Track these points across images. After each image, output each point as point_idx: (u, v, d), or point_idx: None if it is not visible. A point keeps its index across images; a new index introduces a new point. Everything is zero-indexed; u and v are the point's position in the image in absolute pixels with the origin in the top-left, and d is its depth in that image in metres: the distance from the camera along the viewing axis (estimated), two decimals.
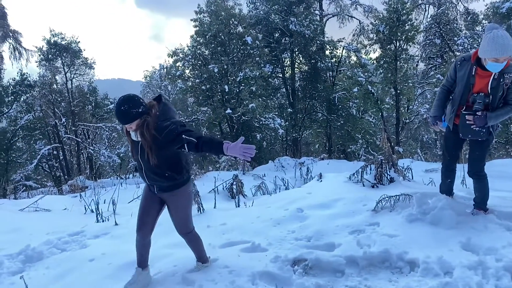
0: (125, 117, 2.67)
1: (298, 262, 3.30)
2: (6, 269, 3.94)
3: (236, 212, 5.02)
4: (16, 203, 6.88)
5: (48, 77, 21.78)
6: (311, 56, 20.70)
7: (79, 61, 22.37)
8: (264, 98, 18.89)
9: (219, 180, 7.34)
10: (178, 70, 19.20)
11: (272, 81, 21.18)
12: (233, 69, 17.80)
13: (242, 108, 16.96)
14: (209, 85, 17.98)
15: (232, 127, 18.98)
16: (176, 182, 2.95)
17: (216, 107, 17.79)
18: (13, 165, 20.02)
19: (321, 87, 20.89)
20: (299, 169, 10.40)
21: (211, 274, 3.15)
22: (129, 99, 2.68)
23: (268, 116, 18.03)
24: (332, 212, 4.20)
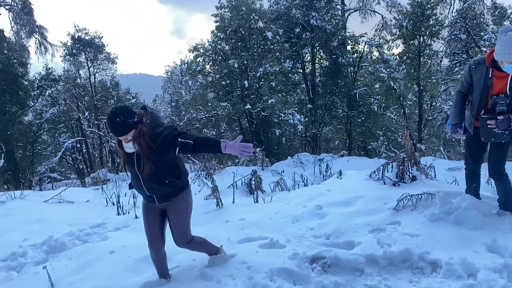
0: (121, 129, 2.61)
1: (316, 259, 3.27)
2: (30, 259, 4.06)
3: (254, 207, 5.02)
4: (41, 195, 7.06)
5: (72, 71, 22.26)
6: (332, 52, 20.48)
7: (102, 56, 22.76)
8: (284, 93, 18.79)
9: (237, 176, 7.34)
10: (198, 65, 19.29)
11: (292, 77, 21.05)
12: (253, 65, 17.77)
13: (261, 104, 16.92)
14: (229, 80, 18.00)
15: (251, 122, 18.99)
16: (176, 187, 2.90)
17: (236, 103, 17.81)
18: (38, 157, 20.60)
19: (342, 82, 20.65)
20: (318, 166, 10.30)
21: (229, 270, 3.15)
22: (123, 110, 2.63)
23: (288, 112, 17.93)
24: (352, 210, 4.15)
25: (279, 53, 18.52)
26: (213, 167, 11.10)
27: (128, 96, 24.40)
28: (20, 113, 19.51)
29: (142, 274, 3.32)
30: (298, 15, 19.81)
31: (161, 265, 3.13)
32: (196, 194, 6.39)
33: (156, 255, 3.08)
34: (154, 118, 2.79)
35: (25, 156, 20.11)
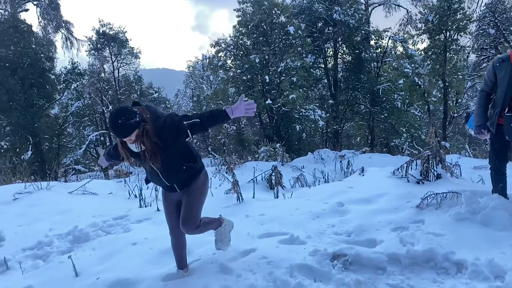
0: (124, 130, 2.55)
1: (337, 256, 3.24)
2: (56, 248, 4.17)
3: (274, 203, 5.01)
4: (66, 186, 7.24)
5: (97, 66, 22.70)
6: (355, 46, 20.19)
7: (126, 50, 23.11)
8: (305, 89, 18.67)
9: (257, 171, 7.35)
10: (220, 60, 19.35)
11: (313, 72, 20.87)
12: (274, 59, 17.70)
13: (282, 99, 16.87)
14: (250, 75, 18.00)
15: (271, 117, 18.95)
16: (194, 171, 2.90)
17: (257, 98, 17.78)
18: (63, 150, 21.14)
19: (365, 78, 20.35)
20: (339, 162, 10.20)
21: (250, 264, 3.15)
22: (124, 111, 2.55)
23: (309, 108, 17.82)
24: (374, 208, 4.08)
25: (301, 48, 18.39)
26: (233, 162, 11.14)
27: (150, 90, 24.72)
28: (47, 106, 20.04)
29: (163, 266, 3.36)
30: (320, 9, 19.60)
31: (180, 254, 3.17)
32: (217, 188, 6.44)
33: (176, 242, 3.12)
34: (152, 110, 2.73)
35: (51, 148, 20.67)
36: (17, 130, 18.83)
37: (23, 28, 19.32)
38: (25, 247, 4.21)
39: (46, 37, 22.36)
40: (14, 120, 18.26)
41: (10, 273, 3.78)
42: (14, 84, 17.82)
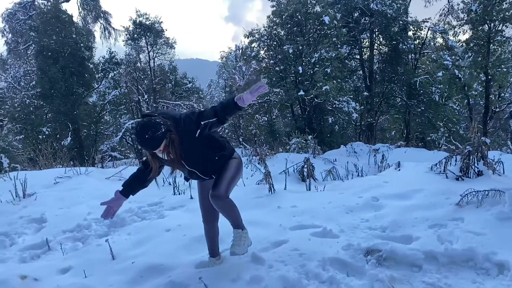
0: (153, 144, 2.55)
1: (371, 252, 3.18)
2: (93, 232, 4.33)
3: (307, 195, 4.97)
4: (103, 172, 7.48)
5: (133, 55, 23.18)
6: (392, 37, 19.58)
7: (161, 40, 23.45)
8: (339, 80, 18.33)
9: (289, 162, 7.31)
10: (253, 50, 19.30)
11: (348, 63, 20.46)
12: (308, 50, 17.46)
13: (315, 90, 16.64)
14: (283, 66, 17.85)
15: (304, 109, 18.77)
16: (226, 157, 2.90)
17: (289, 89, 17.65)
18: (101, 137, 21.85)
19: (402, 70, 19.74)
20: (373, 156, 10.00)
21: (281, 255, 3.15)
22: (149, 125, 2.53)
23: (342, 99, 17.50)
24: (411, 203, 3.97)
25: (336, 38, 18.03)
26: (264, 153, 11.14)
27: (184, 80, 25.02)
28: (85, 94, 20.72)
29: (196, 253, 3.42)
30: None
31: (213, 241, 3.19)
32: (248, 178, 6.45)
33: (209, 229, 3.15)
34: (170, 117, 2.68)
35: (89, 135, 21.41)
36: (58, 117, 19.61)
37: (65, 18, 19.99)
38: (65, 229, 4.40)
39: (85, 27, 23.01)
40: (55, 107, 19.01)
41: (52, 253, 3.96)
42: (56, 72, 18.52)
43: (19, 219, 4.78)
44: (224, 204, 2.82)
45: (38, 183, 6.10)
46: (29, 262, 3.82)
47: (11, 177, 6.33)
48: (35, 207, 5.11)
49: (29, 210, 5.03)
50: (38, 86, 19.70)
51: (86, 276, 3.24)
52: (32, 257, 3.93)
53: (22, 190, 5.62)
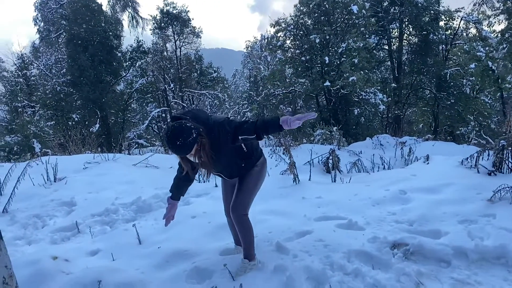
0: (184, 150, 2.51)
1: (398, 245, 3.12)
2: (121, 216, 4.43)
3: (332, 187, 4.92)
4: (130, 158, 7.63)
5: (160, 44, 23.40)
6: (423, 27, 19.02)
7: (188, 29, 23.59)
8: (367, 71, 17.99)
9: (313, 153, 7.26)
10: (279, 40, 19.13)
11: (376, 53, 20.06)
12: (335, 40, 17.18)
13: (341, 81, 16.40)
14: (309, 56, 17.64)
15: (329, 100, 18.55)
16: (253, 163, 2.89)
17: (315, 79, 17.46)
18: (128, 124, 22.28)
19: (432, 61, 19.19)
20: (400, 149, 9.80)
21: (306, 246, 3.14)
22: (180, 131, 2.45)
23: (369, 91, 17.19)
24: (440, 198, 3.87)
25: (364, 28, 17.65)
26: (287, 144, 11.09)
27: (210, 70, 25.13)
28: (113, 82, 21.13)
29: (220, 240, 3.44)
30: None
31: (236, 232, 3.21)
32: (272, 168, 6.44)
33: (230, 221, 3.16)
34: (203, 121, 2.61)
35: (116, 122, 21.87)
36: (86, 104, 20.10)
37: (94, 7, 20.35)
38: (94, 213, 4.52)
39: (114, 15, 23.35)
40: (84, 95, 19.48)
41: (81, 236, 4.08)
42: (85, 60, 18.94)
43: (51, 202, 4.95)
44: (242, 222, 2.85)
45: (68, 167, 6.29)
46: (59, 244, 3.96)
47: (43, 161, 6.54)
48: (66, 191, 5.27)
49: (60, 194, 5.19)
50: (68, 73, 20.20)
51: (114, 259, 3.33)
52: (63, 239, 4.06)
53: (53, 174, 5.81)
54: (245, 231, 2.88)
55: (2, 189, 5.17)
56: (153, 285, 2.84)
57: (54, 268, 3.02)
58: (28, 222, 4.44)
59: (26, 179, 5.35)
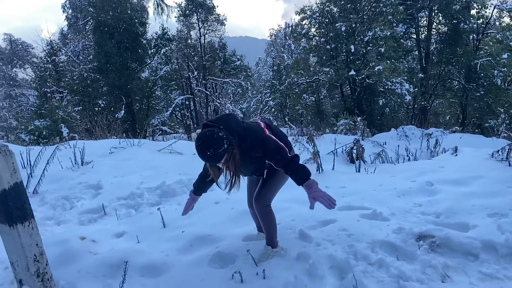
0: (213, 160, 2.48)
1: (424, 237, 3.06)
2: (146, 200, 4.51)
3: (356, 176, 4.86)
4: (155, 144, 7.74)
5: (184, 32, 23.49)
6: (453, 16, 18.39)
7: (212, 17, 23.56)
8: (393, 60, 17.60)
9: (337, 143, 7.18)
10: (303, 28, 18.90)
11: (404, 42, 19.54)
12: (362, 28, 16.84)
13: (367, 70, 16.10)
14: (334, 44, 17.38)
15: (354, 89, 18.27)
16: None
17: (339, 68, 17.21)
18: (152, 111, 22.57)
19: (461, 51, 18.58)
20: (426, 141, 9.57)
21: (329, 234, 3.12)
22: (212, 141, 2.41)
23: (395, 81, 16.81)
24: (468, 190, 3.76)
25: (392, 16, 17.21)
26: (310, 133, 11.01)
27: (233, 58, 25.10)
28: (138, 69, 21.37)
29: (243, 226, 3.46)
30: None
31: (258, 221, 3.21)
32: None
33: (253, 212, 3.17)
34: (233, 132, 2.55)
35: (141, 109, 22.19)
36: (112, 91, 20.45)
37: None
38: (119, 196, 4.62)
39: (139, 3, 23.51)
40: (110, 81, 19.81)
41: (107, 218, 4.19)
42: (111, 47, 19.20)
43: (78, 185, 5.08)
44: (265, 212, 2.85)
45: (95, 152, 6.44)
46: (87, 225, 4.07)
47: (71, 145, 6.71)
48: (92, 174, 5.40)
49: (87, 177, 5.33)
50: (95, 60, 20.56)
51: (139, 242, 3.40)
52: (90, 221, 4.17)
53: (80, 158, 5.96)
54: (268, 221, 2.89)
55: (33, 171, 5.33)
56: (177, 267, 2.89)
57: (82, 248, 3.11)
58: (57, 203, 4.58)
59: (55, 162, 5.52)
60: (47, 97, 20.19)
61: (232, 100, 25.48)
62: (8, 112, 27.76)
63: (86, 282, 2.71)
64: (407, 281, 2.54)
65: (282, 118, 26.54)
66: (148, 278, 2.76)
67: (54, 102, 16.87)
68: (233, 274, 2.63)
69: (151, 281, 2.72)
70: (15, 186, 2.28)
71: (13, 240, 2.31)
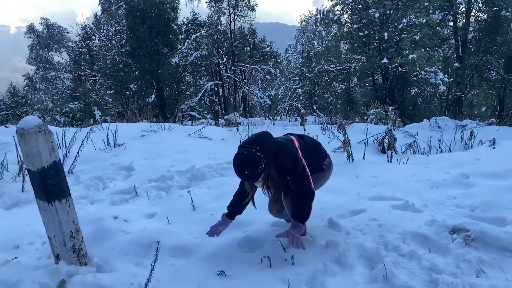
0: (251, 178, 2.55)
1: (458, 230, 2.97)
2: (176, 183, 4.59)
3: (387, 167, 4.76)
4: (184, 129, 7.84)
5: (215, 17, 23.47)
6: (494, 3, 17.55)
7: (243, 2, 23.40)
8: (428, 49, 17.00)
9: (367, 133, 7.04)
10: (335, 14, 18.51)
11: (440, 30, 18.84)
12: (396, 15, 16.32)
13: (400, 59, 15.65)
14: (367, 31, 16.96)
15: (386, 78, 17.84)
16: None
17: (372, 56, 16.80)
18: (181, 96, 22.83)
19: (501, 40, 17.74)
20: (460, 132, 9.25)
21: (359, 224, 3.08)
22: (250, 160, 2.47)
23: (430, 70, 16.27)
24: (507, 184, 3.61)
25: (428, 2, 16.59)
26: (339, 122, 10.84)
27: (262, 44, 24.92)
28: (169, 54, 21.59)
29: None
30: None
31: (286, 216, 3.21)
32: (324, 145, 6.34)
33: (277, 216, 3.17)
34: (269, 152, 2.56)
35: (171, 94, 22.49)
36: (143, 75, 20.77)
37: None
38: (150, 178, 4.72)
39: None
40: (141, 66, 20.12)
41: (139, 199, 4.29)
42: (143, 32, 19.45)
43: (111, 166, 5.22)
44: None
45: (127, 134, 6.58)
46: (119, 205, 4.18)
47: (104, 127, 6.89)
48: (124, 156, 5.54)
49: (119, 159, 5.46)
50: (127, 44, 20.90)
51: (169, 223, 3.47)
52: (122, 201, 4.29)
53: (113, 140, 6.11)
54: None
55: (68, 151, 5.51)
56: (206, 249, 2.93)
57: (115, 227, 3.20)
58: (91, 183, 4.73)
59: (89, 143, 5.68)
60: (81, 81, 20.74)
61: (260, 86, 25.35)
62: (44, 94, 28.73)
63: (118, 259, 2.79)
64: (439, 274, 2.48)
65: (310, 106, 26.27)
66: (178, 258, 2.82)
67: (87, 86, 17.32)
68: (261, 259, 2.65)
69: (181, 261, 2.77)
70: (54, 164, 2.36)
71: (51, 216, 2.40)
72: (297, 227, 2.63)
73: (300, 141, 2.84)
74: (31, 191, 3.78)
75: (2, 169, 4.63)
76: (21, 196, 4.20)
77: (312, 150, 2.91)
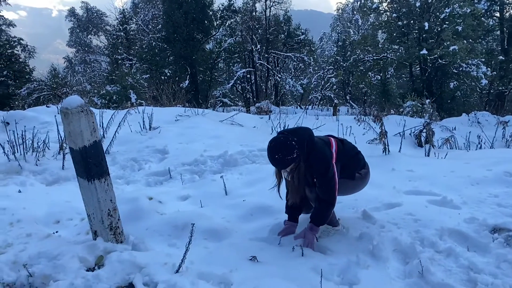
0: (280, 164, 2.59)
1: (499, 230, 2.85)
2: (209, 167, 4.64)
3: (425, 161, 4.62)
4: (217, 115, 7.89)
5: (250, 4, 23.32)
6: None
7: None
8: (471, 40, 16.27)
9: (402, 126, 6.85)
10: (374, 2, 17.99)
11: (484, 21, 17.94)
12: (438, 4, 15.67)
13: (440, 50, 15.05)
14: (406, 20, 16.39)
15: (424, 70, 17.25)
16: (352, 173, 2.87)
17: (410, 46, 16.25)
18: (214, 83, 22.96)
19: None
20: (501, 129, 8.84)
21: (395, 218, 3.00)
22: (283, 146, 2.52)
23: (471, 63, 15.57)
24: None
25: None
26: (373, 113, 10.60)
27: (297, 32, 24.59)
28: (203, 40, 21.69)
29: None
30: None
31: None
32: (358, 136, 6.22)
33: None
34: (303, 146, 2.59)
35: (204, 80, 22.66)
36: (178, 60, 21.01)
37: None
38: (184, 162, 4.78)
39: None
40: (176, 51, 20.35)
41: (172, 181, 4.36)
42: (179, 17, 19.61)
43: (146, 148, 5.33)
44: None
45: (162, 118, 6.69)
46: (153, 187, 4.28)
47: (140, 111, 7.03)
48: (159, 139, 5.64)
49: (154, 142, 5.57)
50: (163, 30, 21.15)
51: (202, 206, 3.51)
52: (156, 183, 4.38)
53: (148, 123, 6.23)
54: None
55: (105, 132, 5.67)
56: (238, 234, 2.95)
57: (150, 207, 3.28)
58: (127, 164, 4.85)
59: (125, 126, 5.81)
60: (118, 64, 21.24)
61: (293, 75, 25.10)
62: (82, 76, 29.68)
63: (153, 239, 2.86)
64: (478, 273, 2.40)
65: (343, 96, 25.82)
66: (210, 241, 2.86)
67: (124, 69, 17.71)
68: (293, 247, 2.64)
69: (213, 244, 2.81)
70: (94, 144, 2.42)
71: (90, 194, 2.48)
72: (313, 230, 2.69)
73: (339, 145, 2.80)
74: (71, 169, 3.93)
75: (44, 147, 4.82)
76: (61, 173, 4.37)
77: (351, 157, 2.86)
